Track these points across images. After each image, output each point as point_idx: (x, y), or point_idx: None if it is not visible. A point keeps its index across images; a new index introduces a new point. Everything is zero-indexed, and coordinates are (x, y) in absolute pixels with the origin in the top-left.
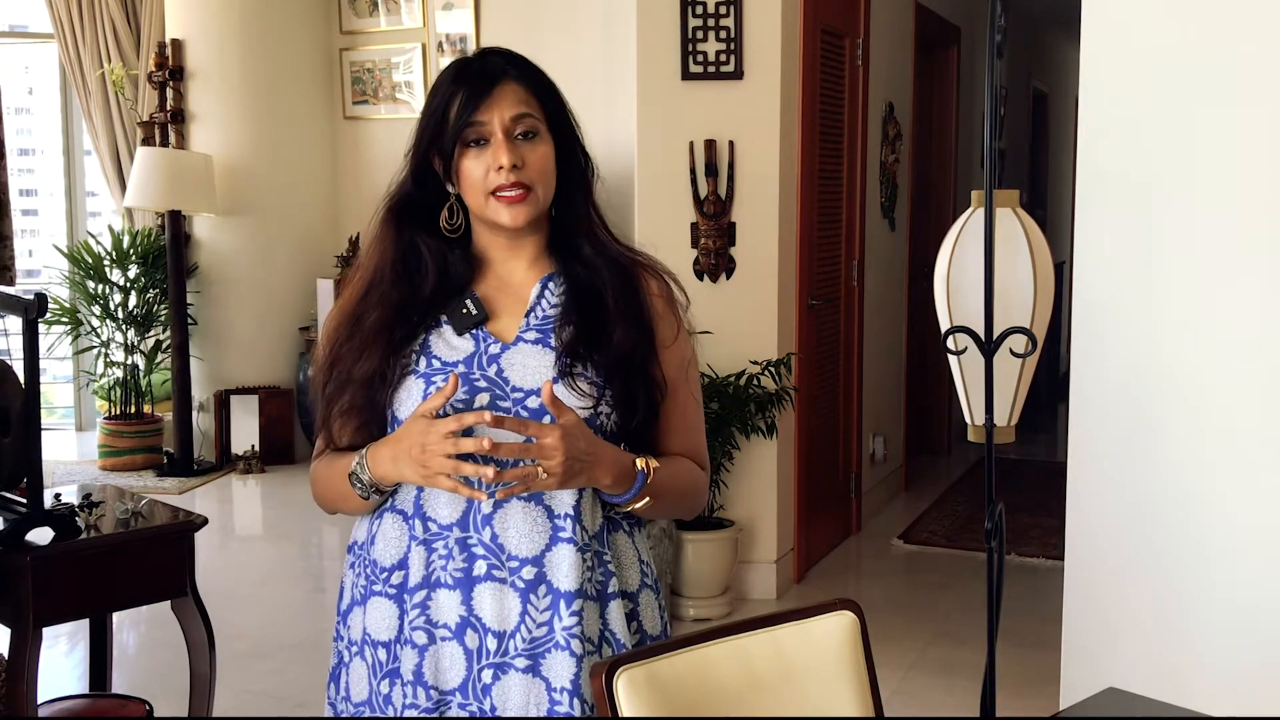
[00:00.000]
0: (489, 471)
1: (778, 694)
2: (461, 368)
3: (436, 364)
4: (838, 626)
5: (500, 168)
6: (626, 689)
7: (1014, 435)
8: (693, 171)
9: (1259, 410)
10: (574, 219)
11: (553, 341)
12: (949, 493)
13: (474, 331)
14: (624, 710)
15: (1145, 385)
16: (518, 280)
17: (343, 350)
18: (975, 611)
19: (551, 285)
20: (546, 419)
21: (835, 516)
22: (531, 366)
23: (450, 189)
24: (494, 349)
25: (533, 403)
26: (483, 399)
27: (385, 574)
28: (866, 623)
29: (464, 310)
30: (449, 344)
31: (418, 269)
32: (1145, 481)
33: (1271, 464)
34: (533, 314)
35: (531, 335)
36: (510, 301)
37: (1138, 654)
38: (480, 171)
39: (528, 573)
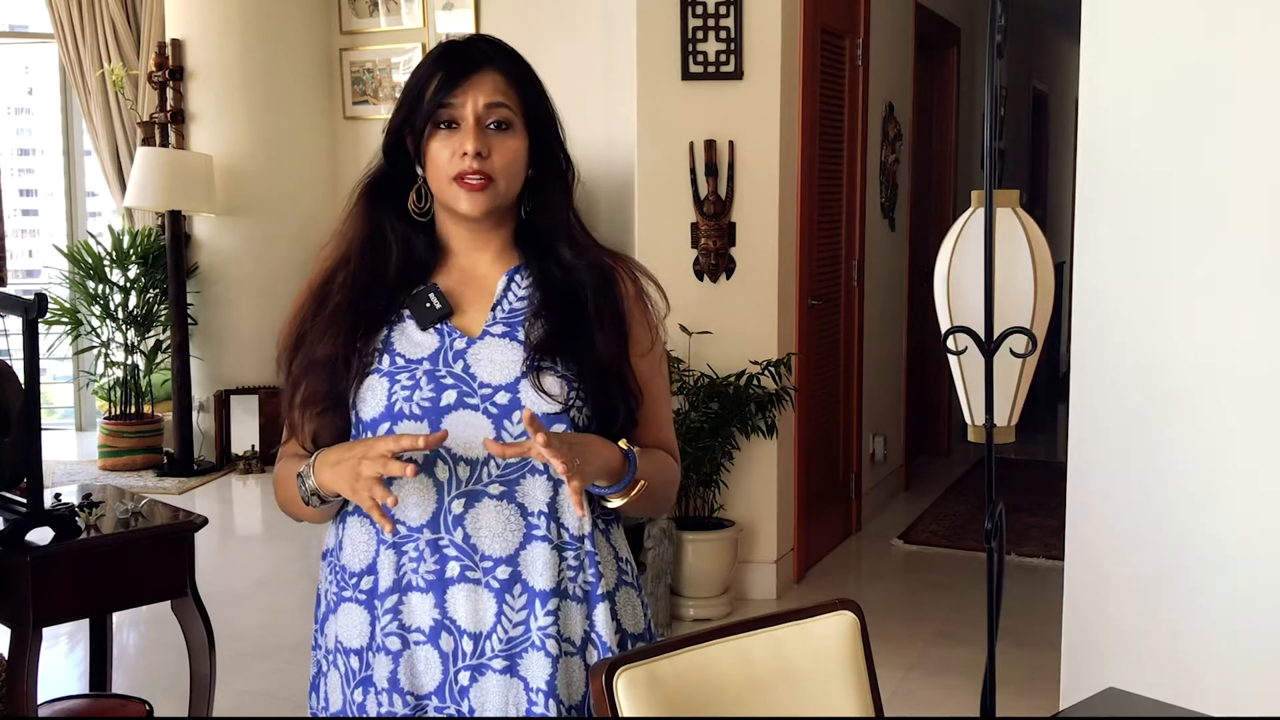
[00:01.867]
0: (391, 500)
1: (778, 694)
2: (427, 364)
3: (400, 361)
4: (838, 626)
5: (465, 153)
6: (626, 689)
7: (1014, 435)
8: (693, 171)
9: (1259, 410)
10: (550, 220)
11: (520, 335)
12: (949, 493)
13: (438, 326)
14: (624, 710)
15: (1145, 385)
16: (482, 272)
17: (308, 329)
18: (975, 611)
19: (518, 278)
20: (516, 414)
21: (835, 516)
22: (499, 361)
23: (419, 171)
24: (459, 344)
25: (501, 398)
26: (450, 396)
27: (355, 579)
28: (866, 623)
29: (428, 304)
30: (412, 340)
31: (383, 248)
32: (1145, 481)
33: (1272, 464)
34: (499, 307)
35: (498, 329)
36: (475, 294)
37: (1138, 654)
38: (446, 154)
39: (502, 572)
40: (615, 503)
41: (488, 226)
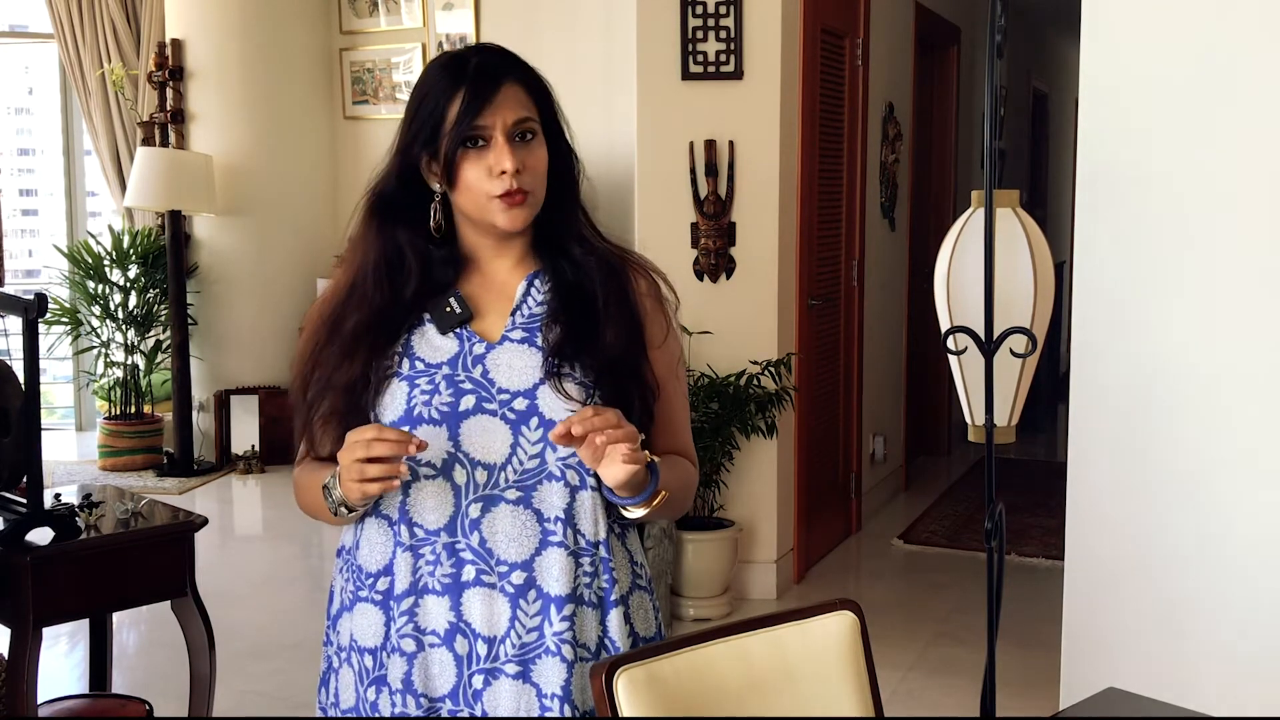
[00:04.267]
0: (402, 468)
1: (778, 694)
2: (446, 369)
3: (420, 365)
4: (838, 626)
5: (504, 172)
6: (626, 689)
7: (1014, 435)
8: (693, 171)
9: (1259, 409)
10: (562, 219)
11: (539, 341)
12: (949, 493)
13: (458, 331)
14: (624, 710)
15: (1145, 385)
16: (503, 278)
17: (322, 355)
18: (975, 611)
19: (537, 283)
20: (534, 420)
21: (835, 516)
22: (518, 367)
23: (436, 188)
24: (479, 349)
25: (519, 404)
26: (468, 401)
27: (371, 580)
28: (866, 623)
29: (448, 309)
30: (432, 344)
31: (400, 269)
32: (1145, 481)
33: (1272, 464)
34: (519, 312)
35: (518, 334)
36: (495, 300)
37: (1138, 654)
38: (480, 173)
39: (517, 577)
40: (637, 513)
41: (512, 234)
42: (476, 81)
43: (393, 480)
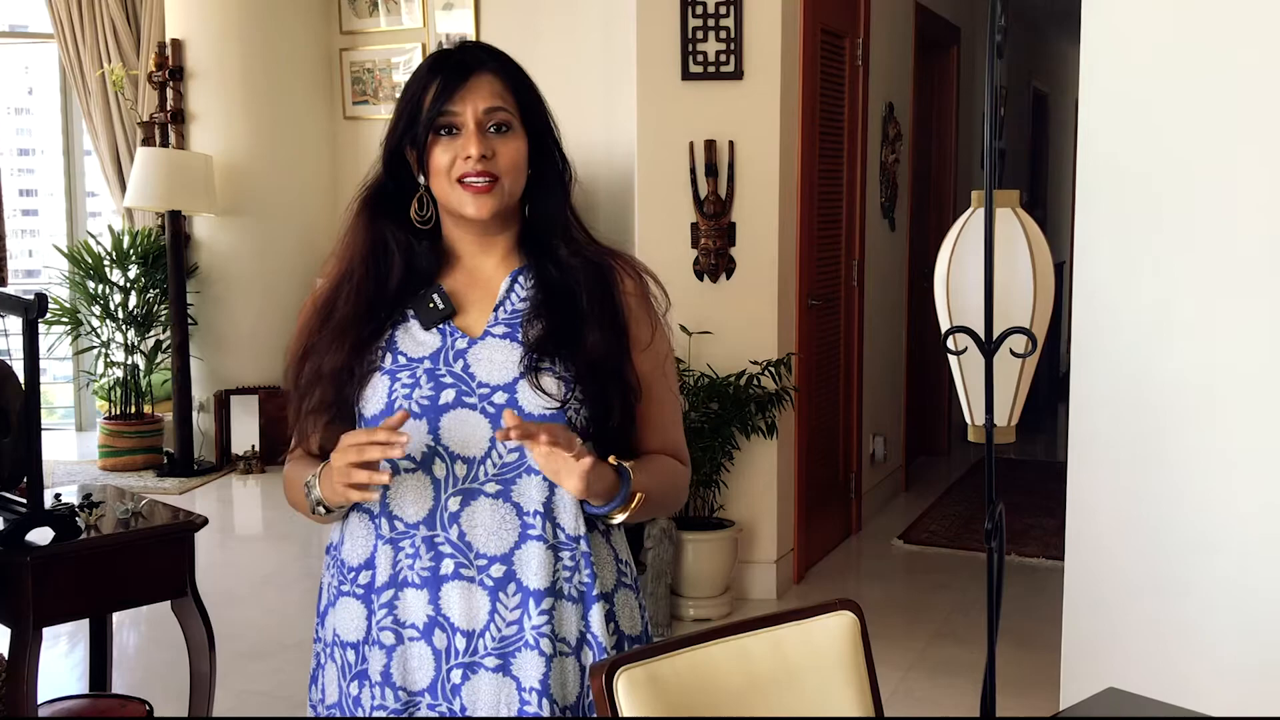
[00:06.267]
0: (384, 478)
1: (778, 694)
2: (428, 363)
3: (403, 360)
4: (838, 626)
5: (468, 157)
6: (626, 689)
7: (1014, 435)
8: (693, 171)
9: (1259, 409)
10: (549, 219)
11: (521, 336)
12: (949, 493)
13: (441, 326)
14: (624, 710)
15: (1145, 385)
16: (487, 274)
17: (314, 342)
18: (975, 611)
19: (521, 279)
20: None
21: (835, 516)
22: (498, 362)
23: (420, 180)
24: (461, 344)
25: (499, 398)
26: (448, 395)
27: (353, 574)
28: (866, 623)
29: (431, 304)
30: (415, 339)
31: (387, 260)
32: (1146, 481)
33: (1272, 463)
34: (501, 308)
35: (500, 330)
36: (479, 296)
37: (1138, 654)
38: (448, 159)
39: (496, 571)
40: (618, 519)
41: (493, 229)
42: (451, 70)
43: (371, 492)
